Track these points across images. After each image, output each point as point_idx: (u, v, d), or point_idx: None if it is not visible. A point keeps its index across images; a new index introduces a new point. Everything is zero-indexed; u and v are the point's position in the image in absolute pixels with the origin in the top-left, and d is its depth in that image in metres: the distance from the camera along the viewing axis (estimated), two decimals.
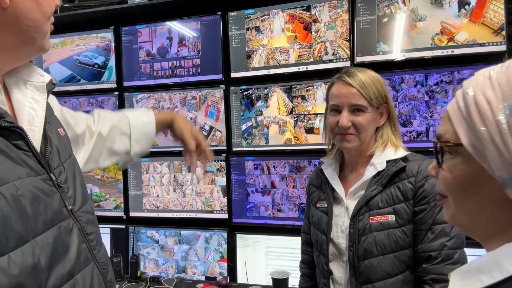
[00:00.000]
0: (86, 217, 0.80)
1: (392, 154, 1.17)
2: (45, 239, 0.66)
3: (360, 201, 1.16)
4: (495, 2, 1.74)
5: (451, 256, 1.06)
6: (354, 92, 1.15)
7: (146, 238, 2.35)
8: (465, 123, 0.51)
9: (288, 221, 2.12)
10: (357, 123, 1.16)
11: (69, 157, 0.84)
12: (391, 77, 1.93)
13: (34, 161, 0.69)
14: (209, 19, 2.22)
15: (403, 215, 1.12)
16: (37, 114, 0.75)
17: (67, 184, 0.78)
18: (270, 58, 2.11)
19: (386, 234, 1.12)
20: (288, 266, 2.03)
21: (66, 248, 0.71)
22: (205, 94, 2.25)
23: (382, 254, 1.12)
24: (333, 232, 1.22)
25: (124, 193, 2.44)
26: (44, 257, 0.65)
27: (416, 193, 1.12)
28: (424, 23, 1.86)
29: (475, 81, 0.52)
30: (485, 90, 0.50)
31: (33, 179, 0.68)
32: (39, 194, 0.67)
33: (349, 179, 1.26)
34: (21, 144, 0.68)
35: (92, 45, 2.44)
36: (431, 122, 1.88)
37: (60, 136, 0.84)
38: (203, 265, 2.25)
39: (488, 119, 0.48)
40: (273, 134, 2.14)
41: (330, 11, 2.00)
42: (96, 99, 2.46)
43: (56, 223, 0.70)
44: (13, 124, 0.66)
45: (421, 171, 1.13)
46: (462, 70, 1.82)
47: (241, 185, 2.21)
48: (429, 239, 1.09)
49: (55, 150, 0.78)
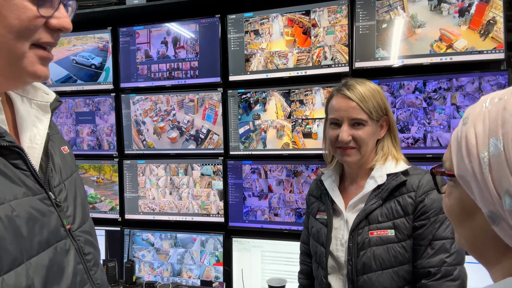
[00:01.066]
0: (84, 237, 0.79)
1: (393, 167, 1.16)
2: (40, 260, 0.65)
3: (359, 215, 1.15)
4: (494, 10, 1.74)
5: (450, 273, 1.05)
6: (353, 105, 1.15)
7: (141, 240, 2.33)
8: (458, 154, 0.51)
9: (285, 225, 2.11)
10: (358, 137, 1.15)
11: (71, 175, 0.83)
12: (390, 83, 1.93)
13: (32, 180, 0.69)
14: (207, 22, 2.21)
15: (403, 230, 1.11)
16: (39, 132, 0.74)
17: (66, 203, 0.77)
18: (269, 62, 2.10)
19: (386, 249, 1.11)
20: (284, 271, 2.03)
21: (62, 270, 0.70)
22: (203, 97, 2.24)
23: (381, 269, 1.11)
24: (332, 245, 1.20)
25: (119, 195, 2.42)
26: (38, 279, 0.64)
27: (416, 208, 1.11)
28: (423, 30, 1.86)
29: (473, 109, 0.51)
30: (477, 122, 0.49)
31: (30, 199, 0.67)
32: (36, 214, 0.67)
33: (349, 191, 1.25)
34: (20, 164, 0.67)
35: (89, 45, 2.42)
36: (428, 128, 1.88)
37: (63, 154, 0.83)
38: (198, 269, 2.23)
39: (473, 154, 0.48)
40: (271, 138, 2.13)
41: (329, 16, 2.00)
42: (93, 100, 2.44)
43: (52, 244, 0.69)
44: (13, 143, 0.66)
45: (421, 185, 1.12)
46: (460, 77, 1.82)
47: (238, 188, 2.20)
48: (428, 254, 1.08)
49: (56, 168, 0.77)
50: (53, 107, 0.79)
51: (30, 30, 0.62)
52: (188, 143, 2.29)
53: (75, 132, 2.50)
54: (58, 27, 0.65)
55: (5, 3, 0.60)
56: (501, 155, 0.45)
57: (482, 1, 1.76)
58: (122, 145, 2.42)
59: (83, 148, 2.49)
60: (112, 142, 2.43)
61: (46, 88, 0.80)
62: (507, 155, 0.44)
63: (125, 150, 2.41)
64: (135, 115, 2.37)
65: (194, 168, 2.28)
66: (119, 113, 2.40)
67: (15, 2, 0.60)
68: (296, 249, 1.99)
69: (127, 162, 2.40)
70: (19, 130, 0.73)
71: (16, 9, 0.60)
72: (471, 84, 1.81)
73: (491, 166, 0.46)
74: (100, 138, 2.45)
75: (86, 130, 2.48)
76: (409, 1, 1.88)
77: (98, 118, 2.45)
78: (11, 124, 0.72)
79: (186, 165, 2.29)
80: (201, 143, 2.27)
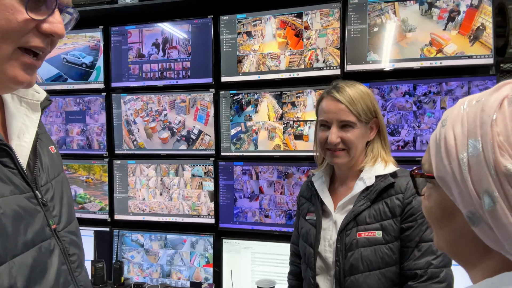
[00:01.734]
0: (69, 237, 0.78)
1: (382, 169, 1.17)
2: (23, 260, 0.65)
3: (348, 216, 1.16)
4: (483, 15, 1.77)
5: (437, 275, 1.06)
6: (342, 108, 1.16)
7: (130, 241, 2.31)
8: (437, 156, 0.51)
9: (275, 227, 2.12)
10: (346, 139, 1.16)
11: (58, 175, 0.83)
12: (380, 86, 1.94)
13: (19, 178, 0.68)
14: (200, 22, 2.20)
15: (390, 232, 1.11)
16: (28, 130, 0.74)
17: (53, 202, 0.76)
18: (261, 63, 2.11)
19: (373, 250, 1.11)
20: (274, 273, 2.03)
21: (45, 270, 0.69)
22: (195, 98, 2.24)
23: (368, 270, 1.11)
24: (321, 246, 1.21)
25: (109, 196, 2.40)
26: (21, 278, 0.63)
27: (403, 210, 1.11)
28: (413, 34, 1.88)
29: (451, 111, 0.52)
30: (455, 124, 0.49)
31: (17, 197, 0.66)
32: (21, 213, 0.66)
33: (338, 193, 1.26)
34: (7, 162, 0.67)
35: (80, 44, 2.40)
36: (418, 132, 1.90)
37: (51, 153, 0.83)
38: (188, 270, 2.22)
39: (452, 155, 0.48)
40: (262, 139, 2.14)
41: (321, 18, 2.01)
42: (83, 99, 2.42)
43: (37, 244, 0.68)
44: (1, 141, 0.65)
45: (409, 187, 1.13)
46: (450, 81, 1.84)
47: (228, 190, 2.20)
48: (415, 256, 1.08)
49: (44, 167, 0.77)
50: (43, 106, 0.78)
51: (17, 33, 0.60)
52: (179, 144, 2.28)
53: (64, 132, 2.47)
54: (49, 32, 0.63)
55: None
56: (480, 155, 0.45)
57: (471, 7, 1.79)
58: (113, 145, 2.40)
59: (72, 147, 2.46)
60: (102, 142, 2.41)
61: (37, 87, 0.79)
62: (486, 155, 0.45)
63: (116, 150, 2.39)
64: (126, 115, 2.36)
65: (185, 169, 2.27)
66: (109, 113, 2.38)
67: (4, 2, 0.58)
68: (286, 251, 1.99)
69: (117, 162, 2.38)
70: (7, 127, 0.72)
71: (5, 9, 0.58)
72: (460, 89, 1.83)
73: (470, 166, 0.46)
74: (90, 138, 2.43)
75: (76, 130, 2.45)
76: (400, 5, 1.90)
77: (88, 117, 2.43)
78: (0, 122, 0.71)
79: (177, 165, 2.28)
80: (192, 144, 2.26)
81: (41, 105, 0.78)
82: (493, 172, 0.44)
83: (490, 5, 1.76)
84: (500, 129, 0.45)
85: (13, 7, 0.59)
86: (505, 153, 0.44)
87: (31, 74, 0.65)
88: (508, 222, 0.44)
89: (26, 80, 0.65)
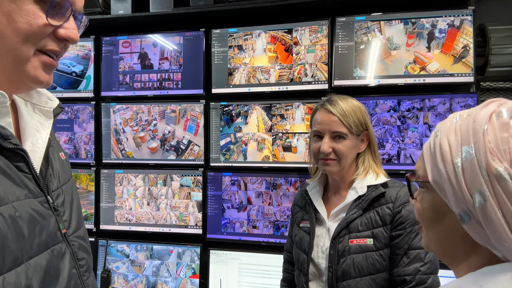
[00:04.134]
0: (78, 242, 0.80)
1: (373, 180, 1.23)
2: (38, 261, 0.66)
3: (341, 224, 1.21)
4: (465, 36, 1.87)
5: (424, 281, 1.11)
6: (335, 120, 1.22)
7: (116, 252, 2.29)
8: (432, 162, 0.59)
9: (263, 238, 2.13)
10: (338, 149, 1.22)
11: (68, 180, 0.84)
12: (366, 102, 2.01)
13: (33, 183, 0.70)
14: (192, 35, 2.25)
15: (381, 239, 1.16)
16: (41, 137, 0.76)
17: (63, 208, 0.78)
18: (251, 76, 2.15)
19: (364, 257, 1.16)
20: (261, 284, 2.03)
21: (58, 273, 0.71)
22: (185, 108, 2.26)
23: (360, 276, 1.15)
24: (314, 252, 1.25)
25: (95, 205, 2.38)
26: (36, 280, 0.65)
27: (393, 219, 1.17)
28: (398, 52, 1.97)
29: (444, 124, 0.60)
30: (449, 134, 0.57)
31: (31, 201, 0.68)
32: (36, 216, 0.68)
33: (332, 201, 1.30)
34: (23, 166, 0.69)
35: (70, 53, 2.40)
36: (402, 146, 1.97)
37: (61, 159, 0.85)
38: (174, 281, 2.21)
39: (447, 160, 0.55)
40: (251, 151, 2.17)
41: (310, 35, 2.08)
42: (72, 108, 2.41)
43: (50, 247, 0.70)
44: (18, 146, 0.67)
45: (399, 197, 1.18)
46: (432, 98, 1.93)
47: (217, 200, 2.21)
48: (404, 263, 1.13)
49: (55, 173, 0.79)
50: (55, 113, 0.81)
51: (37, 36, 0.65)
52: (168, 154, 2.29)
53: None
54: (65, 37, 0.68)
55: (17, 8, 0.63)
56: (473, 159, 0.53)
57: (453, 28, 1.89)
58: (100, 154, 2.39)
59: None
60: (90, 151, 2.40)
61: (50, 94, 0.82)
62: (479, 159, 0.52)
63: (103, 159, 2.38)
64: (115, 124, 2.36)
65: (174, 179, 2.27)
66: (98, 122, 2.38)
67: (26, 8, 0.63)
68: (274, 261, 2.01)
69: (104, 171, 2.37)
70: (21, 134, 0.74)
71: (27, 14, 0.63)
72: (443, 105, 1.91)
73: (464, 169, 0.53)
74: (77, 147, 2.42)
75: (63, 138, 2.44)
76: (386, 24, 1.98)
77: (76, 126, 2.42)
78: (14, 127, 0.73)
79: (165, 175, 2.29)
80: (181, 154, 2.27)
81: (54, 112, 0.80)
82: (485, 173, 0.51)
83: (471, 26, 1.86)
84: (490, 137, 0.52)
85: (34, 13, 0.64)
86: (496, 158, 0.51)
87: (50, 74, 0.70)
88: (496, 218, 0.50)
89: (46, 80, 0.69)
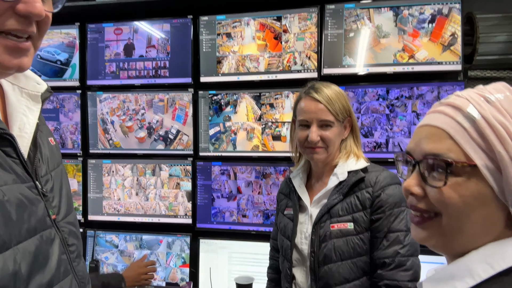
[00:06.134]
0: (68, 228, 0.79)
1: (354, 164, 1.24)
2: (27, 247, 0.65)
3: (322, 209, 1.22)
4: (453, 24, 1.87)
5: (403, 263, 1.12)
6: (322, 108, 1.21)
7: (105, 242, 2.27)
8: (474, 144, 0.53)
9: (253, 226, 2.14)
10: (325, 137, 1.22)
11: (57, 166, 0.83)
12: (355, 90, 2.01)
13: (21, 168, 0.69)
14: (179, 22, 2.21)
15: (361, 223, 1.18)
16: (28, 121, 0.74)
17: (52, 193, 0.77)
18: (240, 64, 2.13)
19: (345, 241, 1.17)
20: (251, 272, 2.04)
21: (47, 258, 0.70)
22: (173, 97, 2.23)
23: (341, 260, 1.17)
24: (297, 238, 1.26)
25: (83, 196, 2.35)
26: (24, 265, 0.64)
27: (373, 203, 1.18)
28: (387, 40, 1.96)
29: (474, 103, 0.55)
30: (495, 115, 0.53)
31: (19, 186, 0.67)
32: (25, 201, 0.67)
33: (314, 188, 1.32)
34: (10, 151, 0.67)
35: (55, 40, 2.35)
36: (390, 134, 1.98)
37: (51, 145, 0.84)
38: (164, 271, 2.21)
39: (508, 143, 0.51)
40: (241, 140, 2.16)
41: (300, 22, 2.06)
42: (57, 97, 2.36)
43: (39, 232, 0.69)
44: (5, 131, 0.66)
45: (378, 181, 1.19)
46: (420, 86, 1.93)
47: (206, 190, 2.20)
48: (384, 246, 1.14)
49: (44, 158, 0.78)
50: (43, 97, 0.79)
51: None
52: (157, 143, 2.26)
53: None
54: (24, 12, 0.59)
55: None
56: None
57: (442, 15, 1.89)
58: (87, 144, 2.35)
59: None
60: (77, 141, 2.36)
61: (38, 78, 0.80)
62: None
63: (90, 149, 2.35)
64: (101, 113, 2.32)
65: (162, 169, 2.26)
66: (84, 111, 2.34)
67: None
68: (263, 250, 2.02)
69: (91, 161, 2.34)
70: (8, 118, 0.72)
71: None
72: (431, 93, 1.92)
73: None
74: (63, 137, 2.37)
75: (49, 128, 2.39)
76: (375, 12, 1.97)
77: (62, 115, 2.37)
78: (1, 112, 0.72)
79: (154, 165, 2.27)
80: (170, 144, 2.25)
81: (42, 97, 0.78)
82: None
83: (459, 14, 1.86)
84: None
85: None
86: None
87: (19, 57, 0.63)
88: None
89: (13, 65, 0.62)
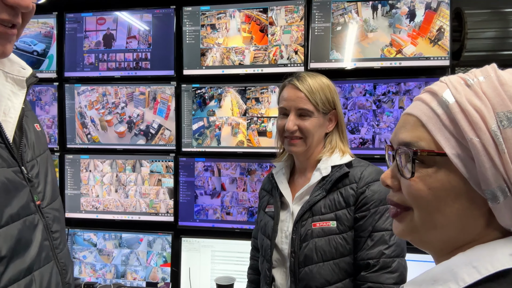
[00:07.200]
0: (53, 214, 0.79)
1: (338, 159, 1.17)
2: (9, 231, 0.66)
3: (304, 206, 1.14)
4: (441, 19, 1.85)
5: (389, 265, 1.05)
6: (301, 96, 1.15)
7: (82, 241, 2.18)
8: (446, 132, 0.48)
9: (237, 224, 2.08)
10: (303, 127, 1.15)
11: (43, 152, 0.83)
12: (342, 85, 1.97)
13: (6, 152, 0.69)
14: (162, 12, 2.13)
15: (344, 221, 1.10)
16: (13, 106, 0.74)
17: (38, 179, 0.77)
18: (225, 57, 2.07)
19: (327, 240, 1.10)
20: (235, 271, 1.99)
21: (28, 243, 0.71)
22: (155, 90, 2.15)
23: (322, 260, 1.09)
24: (277, 238, 1.19)
25: (60, 192, 2.25)
26: (5, 249, 0.65)
27: (357, 200, 1.10)
28: (375, 34, 1.93)
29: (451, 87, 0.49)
30: (470, 98, 0.47)
31: (5, 170, 0.68)
32: (9, 185, 0.67)
33: (297, 184, 1.24)
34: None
35: (31, 30, 2.24)
36: (377, 130, 1.95)
37: (36, 130, 0.84)
38: (144, 270, 2.13)
39: (480, 129, 0.46)
40: (225, 135, 2.09)
41: (286, 15, 2.01)
42: (33, 89, 2.26)
43: (22, 217, 0.70)
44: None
45: (363, 177, 1.12)
46: (408, 81, 1.90)
47: (189, 187, 2.13)
48: (368, 246, 1.07)
49: (30, 143, 0.78)
50: (29, 82, 0.78)
51: None
52: (137, 138, 2.18)
53: None
54: (12, 3, 0.63)
55: None
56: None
57: (430, 10, 1.86)
58: (64, 139, 2.25)
59: None
60: (53, 135, 2.26)
61: (23, 63, 0.80)
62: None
63: (67, 144, 2.25)
64: (79, 106, 2.22)
65: (143, 165, 2.18)
66: (62, 104, 2.24)
67: None
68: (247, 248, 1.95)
69: (69, 156, 2.24)
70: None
71: None
72: (418, 89, 1.89)
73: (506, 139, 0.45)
74: None
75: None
76: (363, 5, 1.93)
77: (38, 108, 2.27)
78: None
79: (134, 161, 2.18)
80: (151, 139, 2.17)
81: (27, 82, 0.78)
82: None
83: (448, 8, 1.84)
84: None
85: None
86: None
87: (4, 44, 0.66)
88: None
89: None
